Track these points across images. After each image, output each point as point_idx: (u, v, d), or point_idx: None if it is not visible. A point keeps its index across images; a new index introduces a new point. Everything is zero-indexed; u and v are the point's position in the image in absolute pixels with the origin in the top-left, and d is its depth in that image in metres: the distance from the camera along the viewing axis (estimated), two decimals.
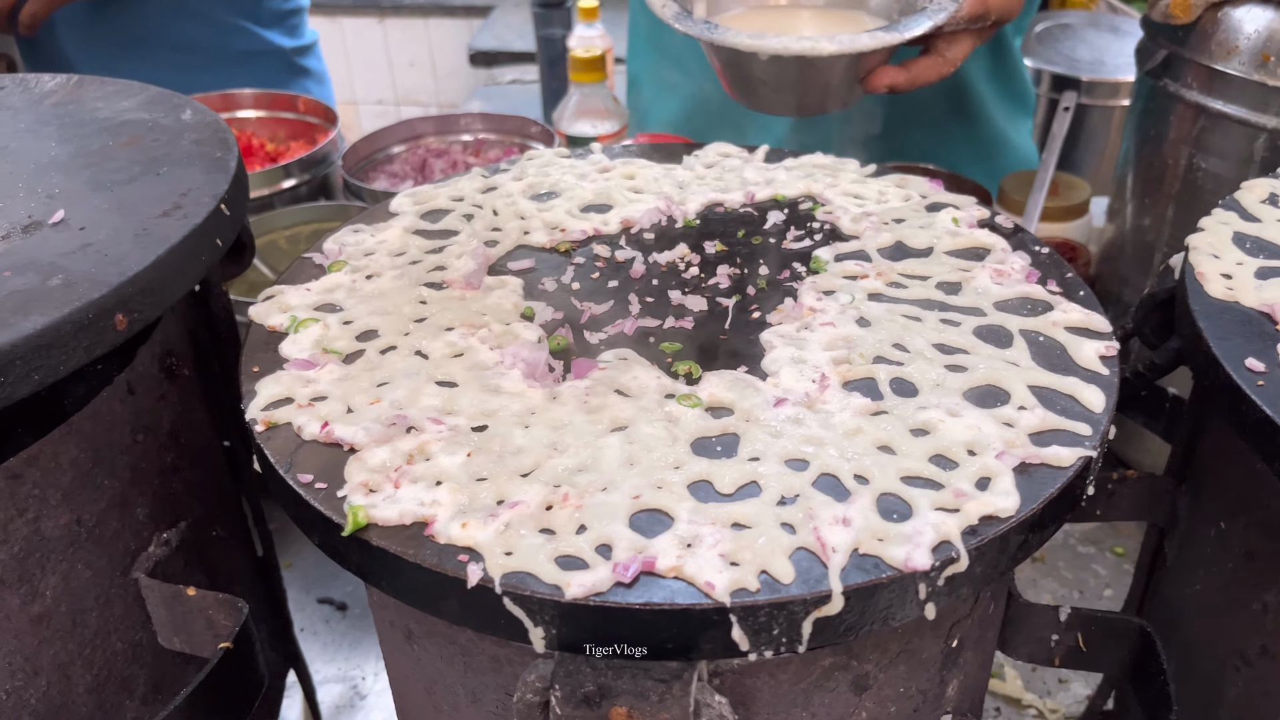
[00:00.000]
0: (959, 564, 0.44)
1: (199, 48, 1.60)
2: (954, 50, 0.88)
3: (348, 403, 0.52)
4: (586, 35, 2.03)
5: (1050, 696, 0.94)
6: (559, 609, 0.42)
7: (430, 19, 3.65)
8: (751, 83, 0.86)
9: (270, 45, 1.66)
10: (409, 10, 3.63)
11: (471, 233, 0.67)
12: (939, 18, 0.81)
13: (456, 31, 3.53)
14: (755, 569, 0.43)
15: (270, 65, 1.68)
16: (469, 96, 2.82)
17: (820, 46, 0.76)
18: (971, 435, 0.49)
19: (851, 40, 0.78)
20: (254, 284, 1.08)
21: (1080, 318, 0.58)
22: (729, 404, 0.52)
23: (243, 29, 1.63)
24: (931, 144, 1.35)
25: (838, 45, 0.77)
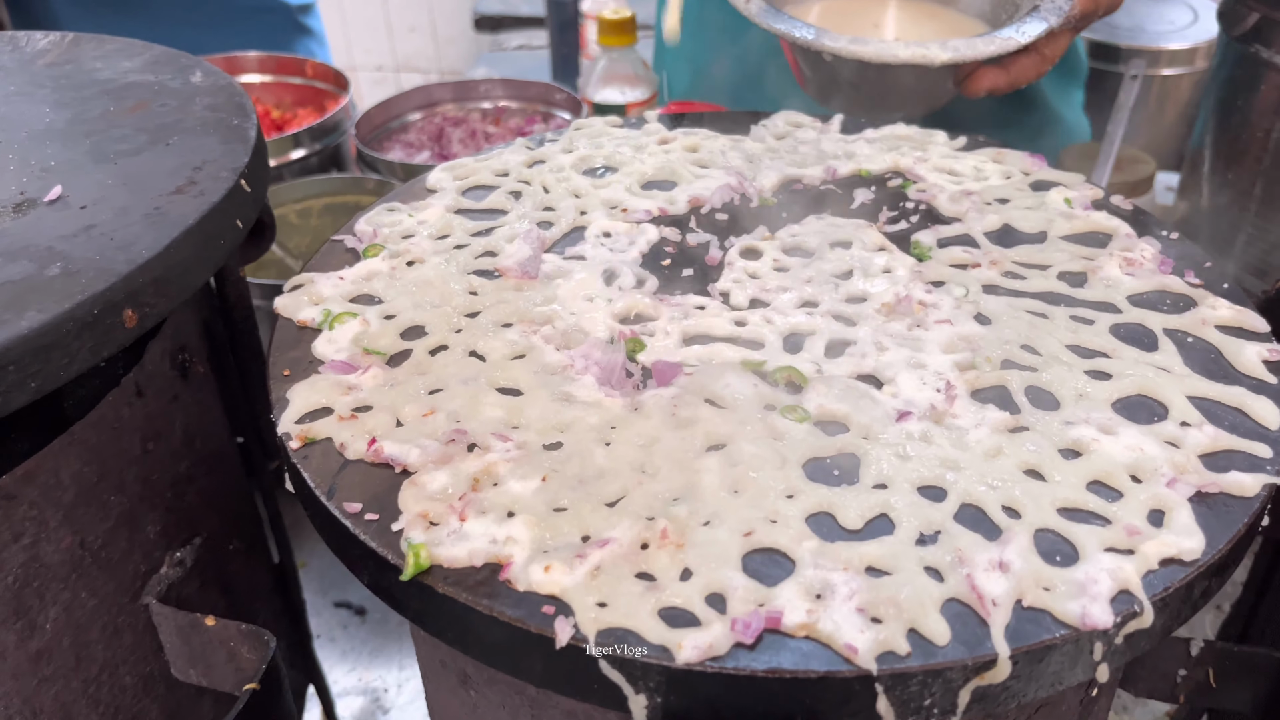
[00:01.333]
0: (1142, 618, 0.37)
1: (201, 4, 1.52)
2: (1053, 48, 0.80)
3: (396, 414, 0.45)
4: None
5: (1127, 712, 0.87)
6: (667, 675, 0.35)
7: None
8: (837, 84, 0.77)
9: (274, 2, 1.58)
10: None
11: (522, 213, 0.60)
12: (1053, 20, 0.72)
13: None
14: (903, 627, 0.36)
15: (275, 23, 1.60)
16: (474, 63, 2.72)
17: (931, 55, 0.68)
18: (1133, 457, 0.42)
19: (967, 47, 0.69)
20: (262, 263, 1.00)
21: (1231, 315, 0.50)
22: (842, 418, 0.45)
23: None
24: (977, 117, 1.27)
25: (951, 54, 0.68)
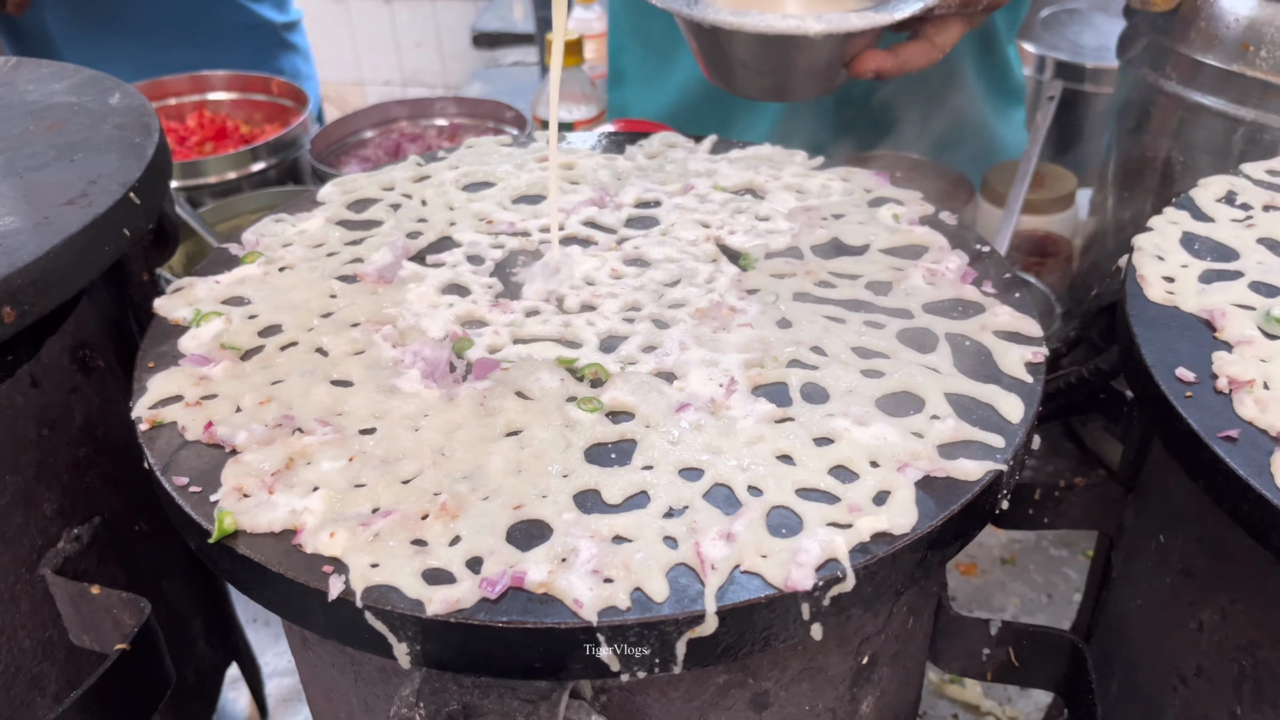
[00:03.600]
0: (845, 584, 0.42)
1: (190, 21, 1.60)
2: (943, 36, 0.85)
3: (237, 402, 0.51)
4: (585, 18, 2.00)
5: (1010, 704, 0.91)
6: (421, 625, 0.41)
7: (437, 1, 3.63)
8: (731, 64, 0.82)
9: (260, 19, 1.66)
10: None
11: (395, 224, 0.65)
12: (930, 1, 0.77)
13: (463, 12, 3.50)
14: (629, 586, 0.41)
15: (260, 39, 1.67)
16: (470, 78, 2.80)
17: (807, 26, 0.73)
18: (877, 445, 0.47)
19: (841, 20, 0.74)
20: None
21: (1010, 321, 0.55)
22: (631, 408, 0.50)
23: (232, 2, 1.62)
24: (919, 134, 1.32)
25: (826, 25, 0.73)
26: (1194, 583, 0.56)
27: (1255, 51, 0.84)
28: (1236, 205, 0.63)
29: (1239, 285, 0.56)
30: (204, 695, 0.81)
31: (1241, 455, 0.46)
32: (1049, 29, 1.65)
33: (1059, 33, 1.65)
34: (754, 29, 0.73)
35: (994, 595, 1.01)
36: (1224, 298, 0.55)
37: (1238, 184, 0.65)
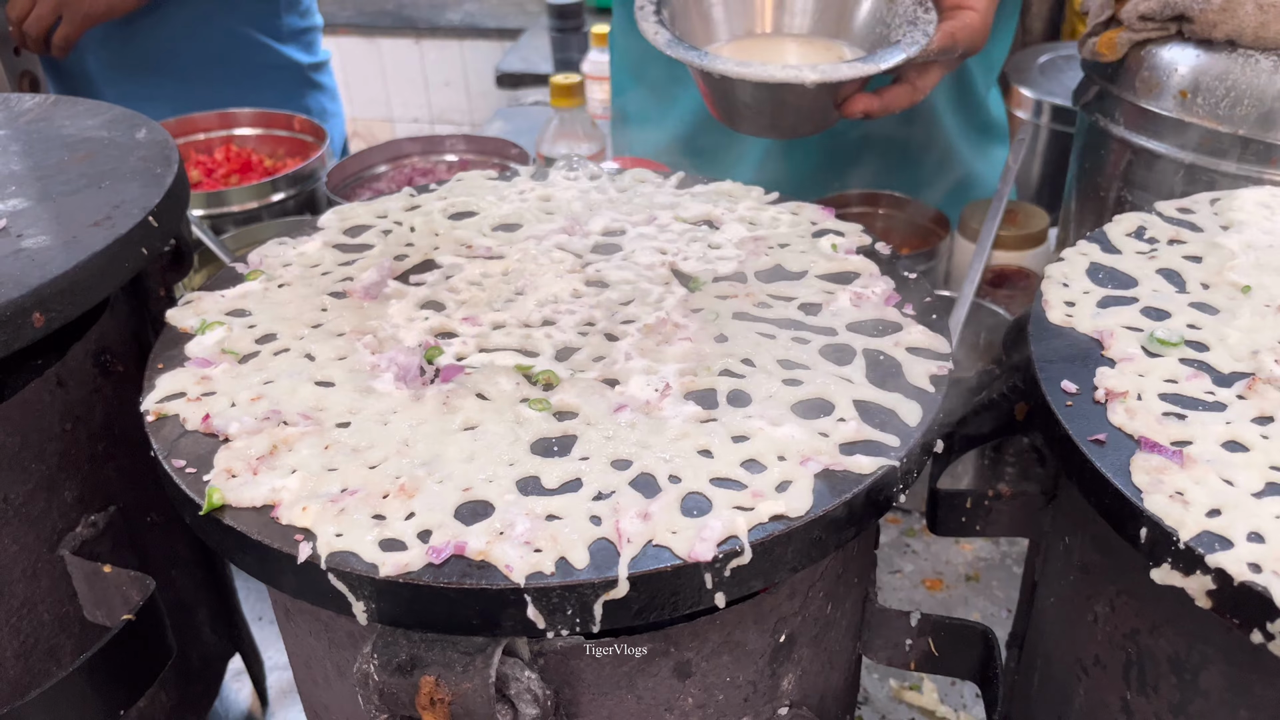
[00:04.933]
0: (742, 557, 0.48)
1: (221, 63, 1.70)
2: (924, 79, 0.93)
3: (233, 398, 0.58)
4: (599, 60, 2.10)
5: (966, 710, 0.96)
6: (375, 585, 0.47)
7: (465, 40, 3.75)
8: (736, 106, 0.90)
9: (288, 60, 1.75)
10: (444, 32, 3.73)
11: (384, 247, 0.73)
12: (912, 50, 0.85)
13: (489, 53, 3.63)
14: (555, 556, 0.47)
15: (288, 79, 1.77)
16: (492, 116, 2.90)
17: (803, 75, 0.81)
18: (785, 443, 0.53)
19: (833, 69, 0.83)
20: None
21: (922, 339, 0.62)
22: (575, 408, 0.57)
23: (263, 44, 1.72)
24: (900, 173, 1.39)
25: (819, 74, 0.82)
26: (1089, 578, 0.61)
27: (1192, 99, 0.90)
28: (1144, 239, 0.69)
29: (1131, 310, 0.62)
30: (206, 679, 0.87)
31: (1106, 456, 0.52)
32: (1045, 74, 1.71)
33: (1055, 78, 1.71)
34: (757, 78, 0.81)
35: (956, 609, 1.06)
36: (1115, 320, 0.61)
37: (1149, 220, 0.71)
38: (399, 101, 3.91)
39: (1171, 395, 0.55)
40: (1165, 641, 0.55)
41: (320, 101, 1.83)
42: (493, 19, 3.71)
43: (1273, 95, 0.86)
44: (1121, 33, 0.95)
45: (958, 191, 1.41)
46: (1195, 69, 0.91)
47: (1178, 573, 0.47)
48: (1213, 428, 0.53)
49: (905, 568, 1.11)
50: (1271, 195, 0.72)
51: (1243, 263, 0.65)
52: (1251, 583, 0.45)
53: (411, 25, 3.76)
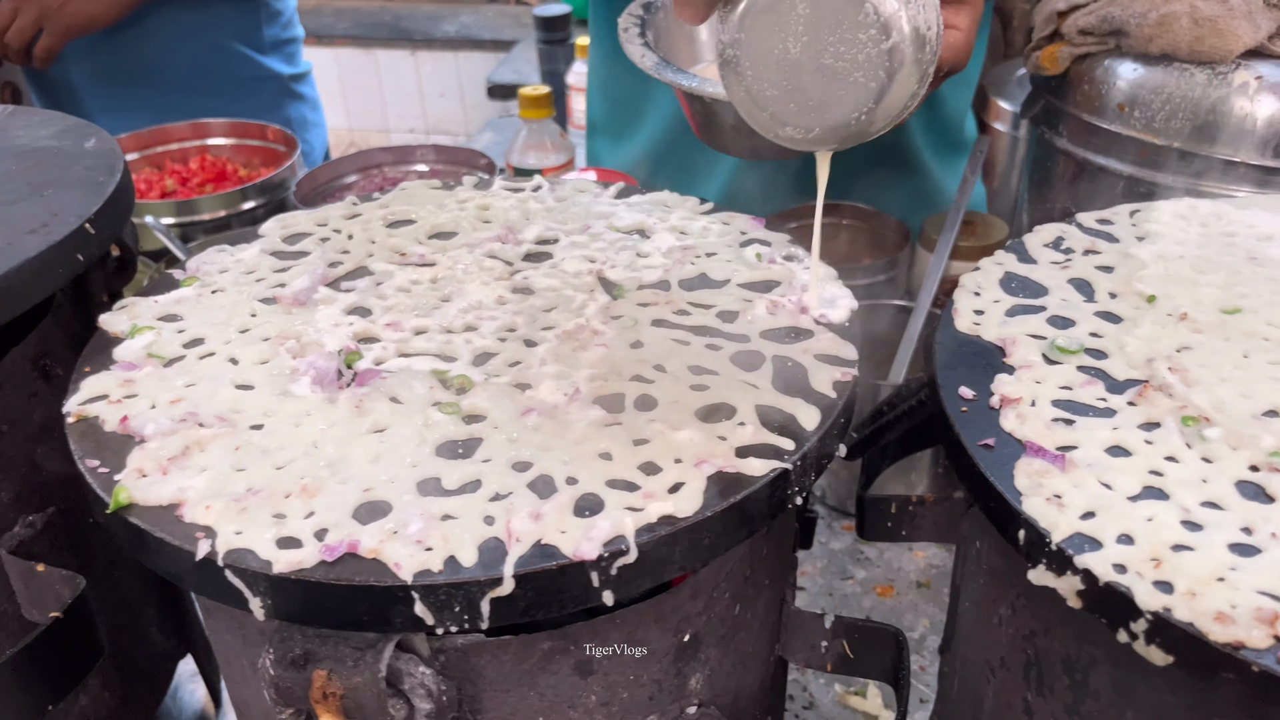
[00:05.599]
0: (628, 556, 0.49)
1: (204, 74, 1.72)
2: None
3: (153, 400, 0.60)
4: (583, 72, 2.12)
5: (910, 716, 0.97)
6: (270, 581, 0.49)
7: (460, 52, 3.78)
8: (722, 127, 0.91)
9: (270, 71, 1.77)
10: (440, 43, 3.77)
11: (320, 254, 0.75)
12: None
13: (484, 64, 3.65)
14: (445, 554, 0.49)
15: (270, 90, 1.79)
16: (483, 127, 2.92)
17: None
18: (683, 446, 0.55)
19: None
20: None
21: (830, 346, 0.63)
22: (484, 412, 0.58)
23: (244, 56, 1.74)
24: (868, 187, 1.41)
25: None
26: (995, 582, 0.62)
27: (1130, 112, 0.92)
28: (1061, 249, 0.71)
29: (1038, 318, 0.63)
30: (153, 679, 0.89)
31: (992, 459, 0.53)
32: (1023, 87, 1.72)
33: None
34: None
35: (906, 615, 1.07)
36: (1020, 329, 0.62)
37: (1068, 230, 0.73)
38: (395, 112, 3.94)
39: (1065, 402, 0.57)
40: (1058, 643, 0.56)
41: (301, 111, 1.85)
42: (487, 31, 3.74)
43: (1206, 108, 0.87)
44: (1063, 47, 0.96)
45: (927, 206, 1.42)
46: (1132, 83, 0.92)
47: (1051, 573, 0.49)
48: (1099, 433, 0.54)
49: (858, 574, 1.12)
50: (1189, 207, 0.73)
51: (1152, 273, 0.66)
52: (1115, 583, 0.46)
53: (407, 37, 3.79)
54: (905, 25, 0.50)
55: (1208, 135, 0.88)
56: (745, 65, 0.52)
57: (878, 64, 0.50)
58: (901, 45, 0.50)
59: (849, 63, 0.51)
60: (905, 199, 1.42)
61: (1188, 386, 0.56)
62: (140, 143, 1.44)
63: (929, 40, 0.51)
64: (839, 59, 0.51)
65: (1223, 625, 0.43)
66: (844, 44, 0.50)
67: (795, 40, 0.51)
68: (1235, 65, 0.87)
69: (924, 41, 0.51)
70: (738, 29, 0.52)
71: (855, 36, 0.50)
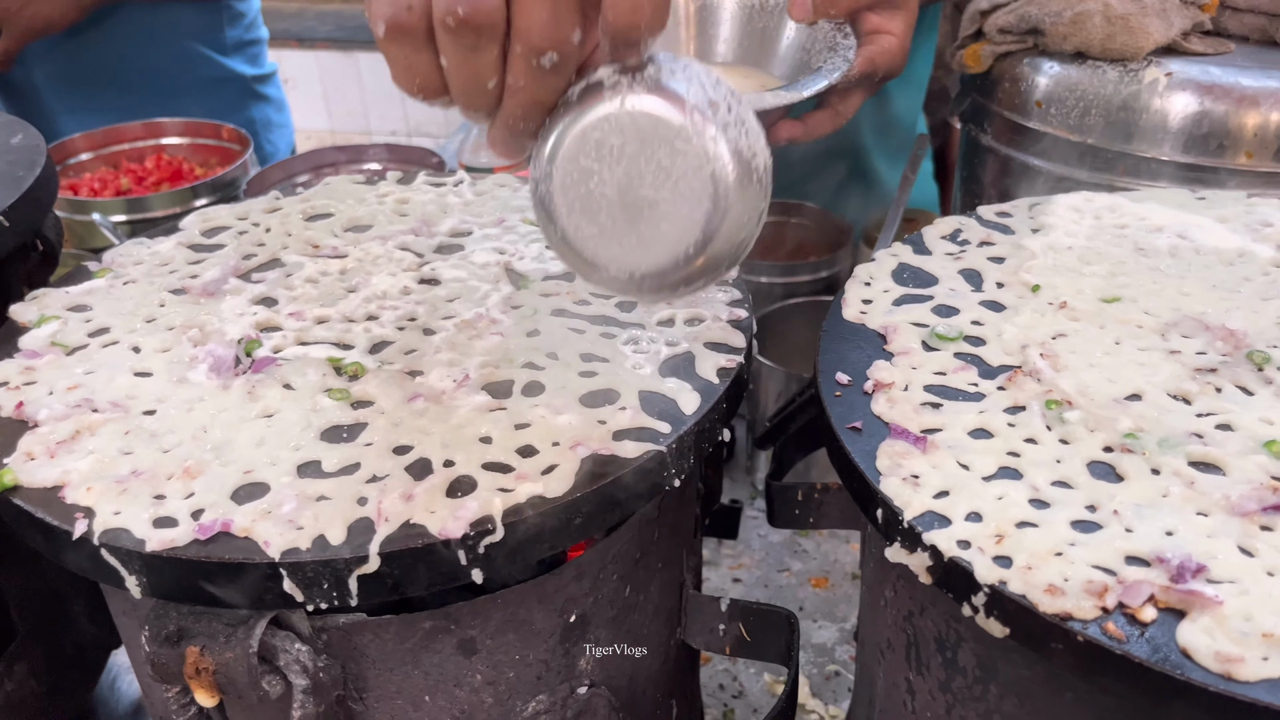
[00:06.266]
0: (495, 535, 0.50)
1: (165, 75, 1.73)
2: (846, 105, 0.96)
3: (51, 387, 0.61)
4: None
5: (836, 704, 0.99)
6: (144, 560, 0.50)
7: None
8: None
9: (232, 72, 1.78)
10: None
11: (235, 247, 0.76)
12: (833, 76, 0.88)
13: None
14: (314, 533, 0.50)
15: (232, 91, 1.80)
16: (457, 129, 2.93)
17: None
18: (562, 430, 0.56)
19: (756, 99, 0.85)
20: None
21: (720, 334, 0.64)
22: (372, 398, 0.60)
23: (206, 57, 1.75)
24: (820, 188, 1.42)
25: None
26: (881, 565, 0.64)
27: (1047, 109, 0.93)
28: (957, 241, 0.72)
29: (923, 307, 0.65)
30: (83, 667, 0.90)
31: (857, 441, 0.55)
32: None
33: None
34: None
35: (839, 606, 1.09)
36: (904, 317, 0.64)
37: (966, 223, 0.74)
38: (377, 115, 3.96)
39: (937, 387, 0.58)
40: (930, 622, 0.57)
41: (266, 113, 1.86)
42: None
43: (1118, 105, 0.89)
44: (985, 45, 0.98)
45: (872, 201, 1.44)
46: (1049, 80, 0.93)
47: (904, 551, 0.50)
48: (964, 416, 0.55)
49: (795, 566, 1.14)
50: (1085, 200, 0.74)
51: (1040, 264, 0.68)
52: (958, 558, 0.47)
53: None
54: (725, 149, 0.46)
55: (1121, 132, 0.89)
56: (559, 202, 0.49)
57: (701, 194, 0.47)
58: (724, 171, 0.47)
59: (670, 194, 0.47)
60: (855, 200, 1.44)
61: (1056, 372, 0.58)
62: (95, 142, 1.45)
63: (756, 169, 0.48)
64: (659, 190, 0.47)
65: (1052, 597, 0.44)
66: (662, 174, 0.47)
67: (611, 171, 0.47)
68: (1147, 62, 0.88)
69: (750, 169, 0.47)
70: (548, 162, 0.48)
71: (673, 164, 0.46)
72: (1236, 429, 0.53)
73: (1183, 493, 0.49)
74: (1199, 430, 0.53)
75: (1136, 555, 0.46)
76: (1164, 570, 0.45)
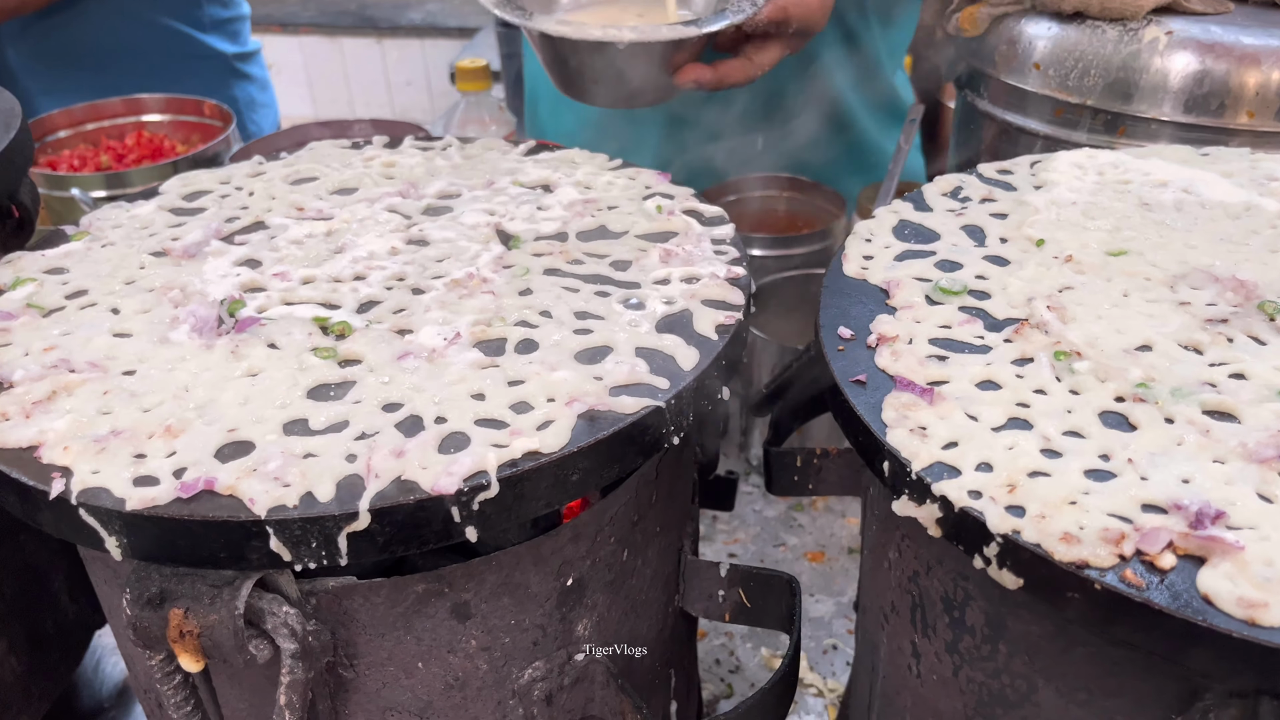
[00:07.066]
0: (489, 491, 0.49)
1: (142, 53, 1.70)
2: (762, 56, 0.94)
3: (26, 348, 0.59)
4: None
5: (835, 677, 0.97)
6: (124, 519, 0.48)
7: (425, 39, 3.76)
8: (569, 73, 0.91)
9: (211, 50, 1.75)
10: (405, 31, 3.74)
11: (217, 210, 0.74)
12: (737, 18, 0.87)
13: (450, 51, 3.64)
14: (302, 490, 0.48)
15: (212, 69, 1.77)
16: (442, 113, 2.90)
17: (621, 35, 0.82)
18: (557, 385, 0.54)
19: (651, 30, 0.84)
20: None
21: (718, 292, 0.62)
22: (360, 356, 0.58)
23: (183, 34, 1.72)
24: (807, 156, 1.40)
25: (635, 35, 0.82)
26: (883, 526, 0.62)
27: (1045, 71, 0.92)
28: (959, 198, 0.71)
29: (925, 262, 0.63)
30: (66, 648, 0.88)
31: (862, 395, 0.53)
32: None
33: None
34: (575, 36, 0.82)
35: (837, 579, 1.07)
36: (907, 272, 0.62)
37: (967, 180, 0.73)
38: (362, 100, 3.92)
39: (942, 340, 0.56)
40: (937, 582, 0.56)
41: (248, 92, 1.83)
42: (454, 18, 3.72)
43: (1118, 65, 0.88)
44: (981, 8, 0.96)
45: (865, 172, 1.42)
46: (1047, 41, 0.92)
47: (913, 503, 0.48)
48: (971, 368, 0.54)
49: (790, 541, 1.12)
50: (1087, 157, 0.73)
51: (1043, 219, 0.66)
52: (969, 508, 0.46)
53: (373, 25, 3.77)
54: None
55: (1120, 92, 0.88)
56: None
57: None
58: None
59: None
60: (844, 167, 1.42)
61: (1064, 324, 0.56)
62: (74, 119, 1.42)
63: None
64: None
65: (1068, 545, 0.43)
66: None
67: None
68: (1146, 21, 0.87)
69: None
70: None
71: None
72: (1250, 378, 0.52)
73: (1198, 441, 0.48)
74: (1212, 379, 0.52)
75: (1153, 503, 0.45)
76: (1182, 517, 0.44)
